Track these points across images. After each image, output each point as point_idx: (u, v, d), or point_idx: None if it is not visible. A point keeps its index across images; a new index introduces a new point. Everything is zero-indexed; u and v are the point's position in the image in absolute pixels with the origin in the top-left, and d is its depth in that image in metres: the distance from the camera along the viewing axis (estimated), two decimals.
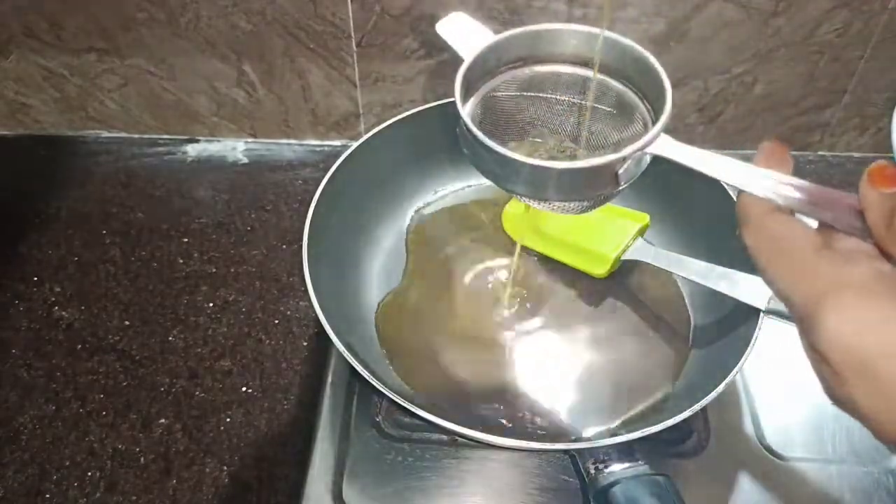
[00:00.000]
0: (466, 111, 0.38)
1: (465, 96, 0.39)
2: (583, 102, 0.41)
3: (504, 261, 0.56)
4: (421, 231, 0.58)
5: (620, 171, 0.35)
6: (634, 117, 0.39)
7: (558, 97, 0.41)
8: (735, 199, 0.29)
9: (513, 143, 0.43)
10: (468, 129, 0.36)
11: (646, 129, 0.38)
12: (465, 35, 0.41)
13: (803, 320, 0.25)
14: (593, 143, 0.42)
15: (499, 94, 0.41)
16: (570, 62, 0.40)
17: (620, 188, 0.36)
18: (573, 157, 0.41)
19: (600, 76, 0.40)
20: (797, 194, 0.27)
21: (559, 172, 0.35)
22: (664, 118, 0.35)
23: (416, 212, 0.59)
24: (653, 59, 0.38)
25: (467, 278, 0.55)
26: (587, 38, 0.39)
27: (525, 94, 0.41)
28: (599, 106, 0.41)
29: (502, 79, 0.41)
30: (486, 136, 0.36)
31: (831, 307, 0.24)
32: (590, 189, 0.37)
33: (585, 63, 0.40)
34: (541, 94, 0.41)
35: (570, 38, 0.40)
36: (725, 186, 0.51)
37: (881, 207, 0.25)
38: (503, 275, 0.55)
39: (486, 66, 0.40)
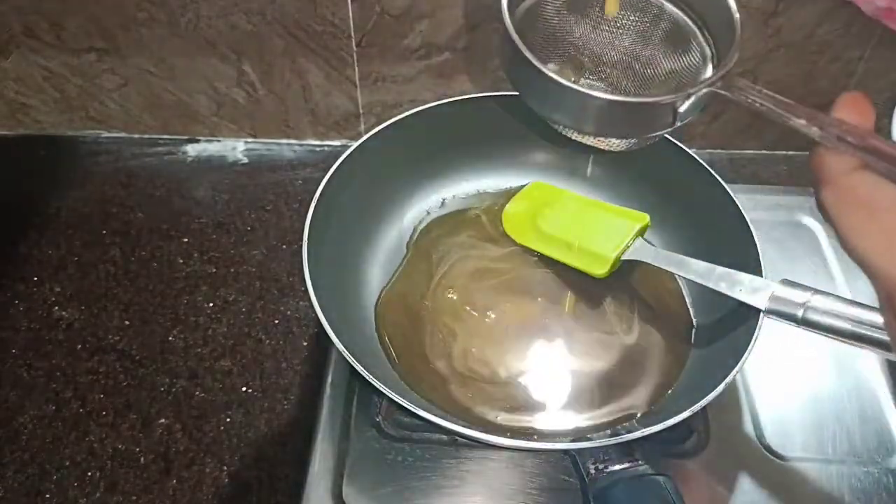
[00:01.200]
0: (512, 26, 0.33)
1: (511, 7, 0.35)
2: (636, 24, 0.36)
3: (504, 261, 0.56)
4: (422, 232, 0.58)
5: (682, 109, 0.32)
6: (691, 47, 0.35)
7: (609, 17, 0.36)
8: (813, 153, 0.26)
9: (553, 65, 0.38)
10: (516, 48, 0.32)
11: (704, 61, 0.34)
12: None
13: (887, 287, 0.23)
14: (643, 72, 0.37)
15: (543, 7, 0.36)
16: None
17: (676, 126, 0.33)
18: (619, 87, 0.37)
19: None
20: (880, 151, 0.25)
21: (621, 105, 0.32)
22: (734, 50, 0.32)
23: (421, 221, 0.59)
24: None
25: (467, 278, 0.55)
26: None
27: (572, 10, 0.36)
28: (655, 29, 0.36)
29: None
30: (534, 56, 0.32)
31: None
32: (646, 127, 0.33)
33: None
34: (590, 12, 0.36)
35: None
36: (725, 186, 0.51)
37: None
38: (503, 274, 0.55)
39: None
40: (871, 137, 0.25)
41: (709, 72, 0.31)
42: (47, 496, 0.48)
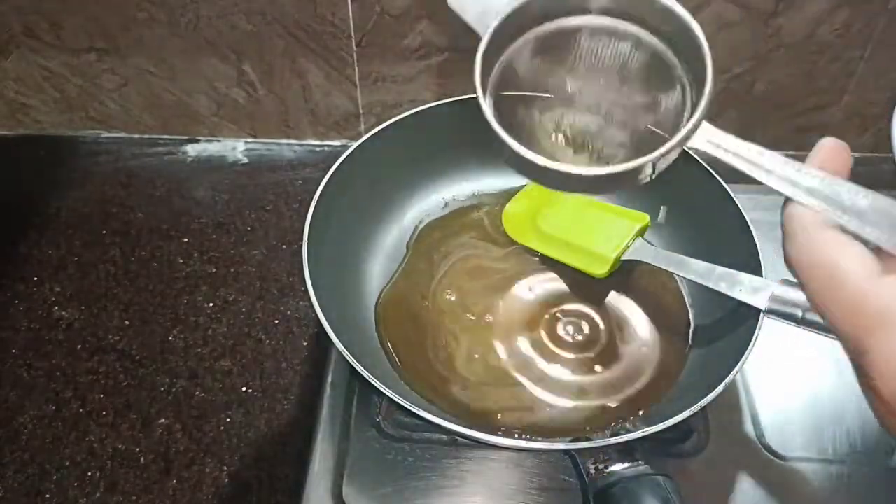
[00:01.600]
0: (488, 101, 0.33)
1: (485, 79, 0.34)
2: (612, 60, 0.35)
3: (504, 261, 0.56)
4: (422, 232, 0.58)
5: (656, 166, 0.32)
6: (673, 79, 0.34)
7: (585, 55, 0.35)
8: (781, 205, 0.26)
9: (538, 116, 0.37)
10: (489, 126, 0.33)
11: (684, 94, 0.33)
12: (481, 5, 0.35)
13: (853, 352, 0.23)
14: (625, 113, 0.37)
15: (517, 62, 0.36)
16: (597, 13, 0.35)
17: (654, 177, 0.33)
18: (603, 133, 0.36)
19: (632, 27, 0.35)
20: (853, 208, 0.24)
21: (588, 178, 0.32)
22: (704, 103, 0.31)
23: (421, 221, 0.59)
24: (696, 28, 0.33)
25: (466, 279, 0.55)
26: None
27: (547, 55, 0.36)
28: (632, 64, 0.35)
29: (521, 42, 0.35)
30: (507, 129, 0.32)
31: (884, 342, 0.22)
32: (621, 184, 0.33)
33: (612, 14, 0.34)
34: (564, 54, 0.35)
35: None
36: (725, 186, 0.51)
37: None
38: (501, 274, 0.55)
39: (505, 35, 0.35)
40: (840, 193, 0.25)
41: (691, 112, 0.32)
42: (47, 496, 0.48)
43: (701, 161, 0.52)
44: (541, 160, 0.32)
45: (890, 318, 0.22)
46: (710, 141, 0.31)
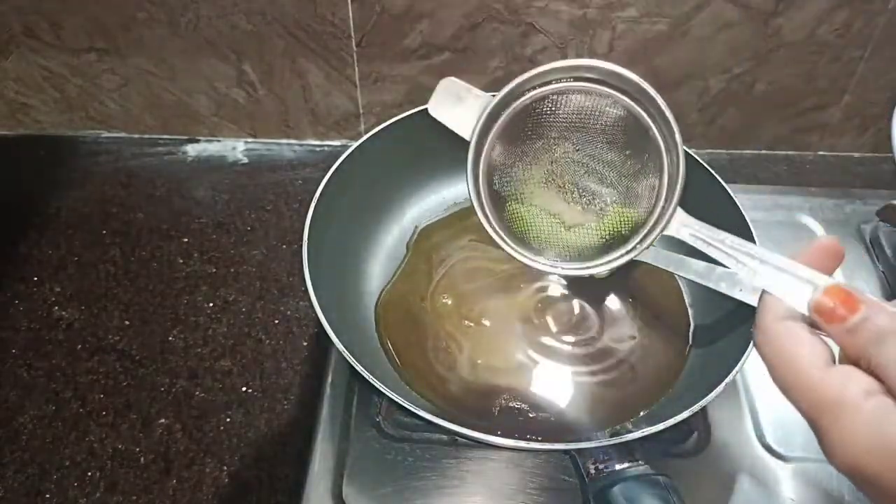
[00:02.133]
0: (485, 206, 0.37)
1: (476, 178, 0.37)
2: (592, 124, 0.36)
3: (504, 262, 0.56)
4: (423, 234, 0.58)
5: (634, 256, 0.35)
6: (650, 140, 0.35)
7: (564, 118, 0.36)
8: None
9: (534, 186, 0.38)
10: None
11: (660, 159, 0.34)
12: (460, 110, 0.38)
13: (812, 429, 0.26)
14: (607, 179, 0.37)
15: (501, 146, 0.37)
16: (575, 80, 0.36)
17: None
18: (593, 194, 0.37)
19: (607, 90, 0.35)
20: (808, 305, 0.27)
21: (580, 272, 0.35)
22: (677, 196, 0.33)
23: (421, 222, 0.59)
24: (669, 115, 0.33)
25: (467, 278, 0.55)
26: (588, 71, 0.35)
27: (529, 130, 0.37)
28: (610, 127, 0.36)
29: (501, 126, 0.37)
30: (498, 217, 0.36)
31: (830, 426, 0.25)
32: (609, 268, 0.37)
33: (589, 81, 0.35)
34: (546, 126, 0.36)
35: (572, 73, 0.35)
36: (725, 186, 0.51)
37: (844, 341, 0.26)
38: (501, 276, 0.55)
39: (487, 127, 0.37)
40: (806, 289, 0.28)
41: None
42: (47, 496, 0.48)
43: (700, 161, 0.52)
44: (526, 259, 0.36)
45: (838, 406, 0.25)
46: (685, 228, 0.33)
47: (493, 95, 0.35)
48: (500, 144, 0.37)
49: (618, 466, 0.42)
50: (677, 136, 0.33)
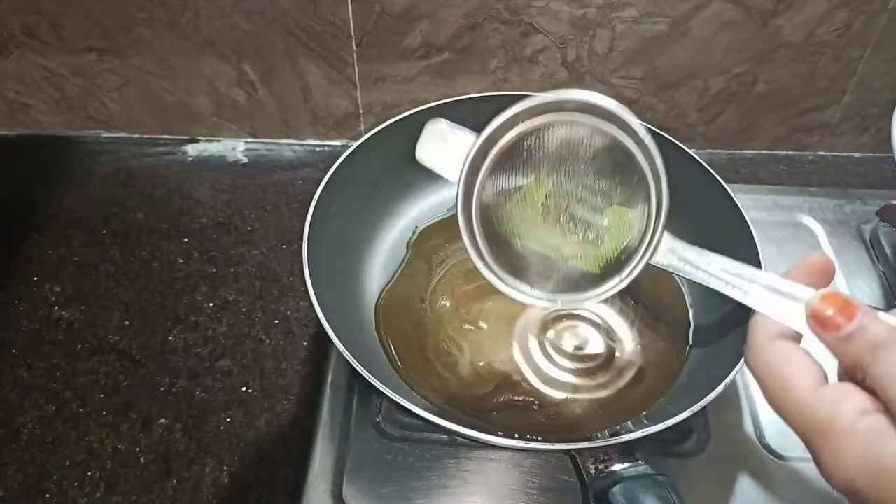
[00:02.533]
0: (480, 247, 0.36)
1: (468, 220, 0.36)
2: (578, 152, 0.36)
3: None
4: (423, 235, 0.58)
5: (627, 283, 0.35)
6: (635, 167, 0.35)
7: (555, 156, 0.36)
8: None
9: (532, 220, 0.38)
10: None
11: (647, 186, 0.34)
12: (445, 152, 0.38)
13: (806, 446, 0.26)
14: (600, 207, 0.37)
15: (490, 189, 0.37)
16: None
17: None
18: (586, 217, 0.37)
19: (590, 120, 0.34)
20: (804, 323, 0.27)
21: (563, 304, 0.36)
22: (662, 222, 0.33)
23: (421, 222, 0.59)
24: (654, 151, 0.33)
25: (467, 278, 0.55)
26: (579, 105, 0.34)
27: (518, 167, 0.37)
28: (597, 156, 0.35)
29: (490, 166, 0.36)
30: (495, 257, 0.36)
31: (823, 447, 0.25)
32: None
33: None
34: (535, 161, 0.36)
35: (553, 106, 0.34)
36: (725, 186, 0.51)
37: (840, 350, 0.26)
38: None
39: (475, 167, 0.36)
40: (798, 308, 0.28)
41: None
42: (47, 496, 0.48)
43: (700, 161, 0.53)
44: (519, 295, 0.36)
45: (830, 427, 0.24)
46: (671, 251, 0.33)
47: (477, 136, 0.35)
48: (491, 184, 0.36)
49: (618, 466, 0.42)
50: (659, 163, 0.32)
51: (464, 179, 0.35)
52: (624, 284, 0.35)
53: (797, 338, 0.28)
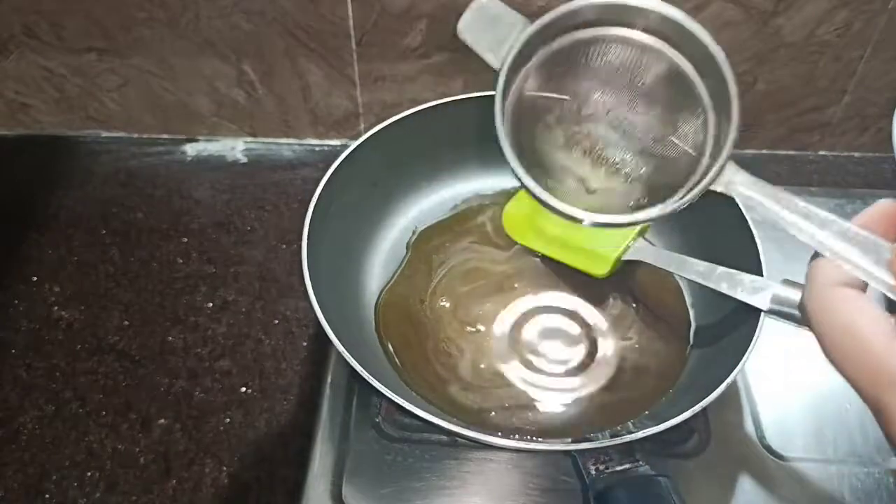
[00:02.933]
0: (507, 139, 0.33)
1: (503, 110, 0.34)
2: (630, 71, 0.33)
3: (504, 262, 0.56)
4: (423, 235, 0.58)
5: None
6: (696, 102, 0.32)
7: (605, 69, 0.33)
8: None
9: (558, 135, 0.36)
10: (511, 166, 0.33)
11: (706, 123, 0.32)
12: (494, 34, 0.34)
13: (871, 405, 0.24)
14: (647, 129, 0.35)
15: (534, 83, 0.34)
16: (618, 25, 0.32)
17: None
18: (624, 157, 0.34)
19: (654, 41, 0.32)
20: (879, 264, 0.25)
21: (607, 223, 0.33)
22: (729, 147, 0.30)
23: (421, 222, 0.59)
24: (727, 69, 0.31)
25: (467, 279, 0.55)
26: (642, 13, 0.31)
27: (562, 70, 0.34)
28: (651, 82, 0.33)
29: (537, 61, 0.34)
30: (526, 150, 0.32)
31: (891, 402, 0.23)
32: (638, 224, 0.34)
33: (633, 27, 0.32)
34: (580, 68, 0.33)
35: (622, 12, 0.32)
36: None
37: None
38: (501, 277, 0.55)
39: (520, 61, 0.34)
40: (871, 255, 0.25)
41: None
42: (47, 496, 0.48)
43: None
44: (565, 207, 0.32)
45: None
46: (736, 183, 0.30)
47: (532, 23, 0.32)
48: (533, 81, 0.34)
49: (618, 467, 0.42)
50: (732, 86, 0.30)
51: (506, 70, 0.33)
52: (669, 210, 0.31)
53: (863, 287, 0.25)
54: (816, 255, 0.26)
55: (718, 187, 0.31)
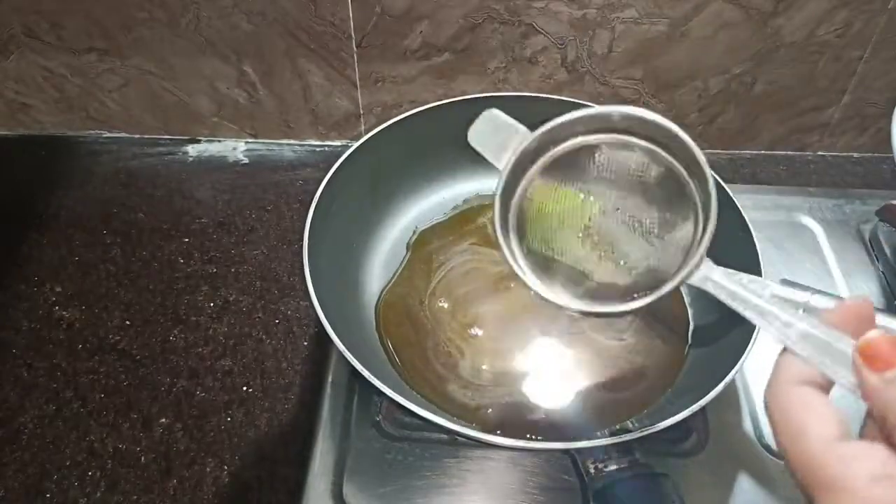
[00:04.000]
0: (510, 236, 0.36)
1: (504, 209, 0.37)
2: (626, 173, 0.35)
3: (501, 265, 0.56)
4: (423, 235, 0.58)
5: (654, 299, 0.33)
6: (684, 195, 0.34)
7: (600, 171, 0.35)
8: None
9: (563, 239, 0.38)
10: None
11: (696, 217, 0.33)
12: (499, 142, 0.37)
13: (805, 497, 0.25)
14: (642, 237, 0.36)
15: (534, 187, 0.37)
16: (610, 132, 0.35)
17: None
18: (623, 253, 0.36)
19: (640, 142, 0.34)
20: (843, 374, 0.25)
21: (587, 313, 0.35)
22: (706, 242, 0.31)
23: (421, 222, 0.59)
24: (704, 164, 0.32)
25: (467, 279, 0.55)
26: (630, 118, 0.33)
27: (561, 174, 0.36)
28: (650, 184, 0.35)
29: (537, 168, 0.37)
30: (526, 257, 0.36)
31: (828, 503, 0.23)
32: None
33: (626, 133, 0.34)
34: (578, 172, 0.36)
35: (612, 119, 0.34)
36: (725, 186, 0.51)
37: (876, 394, 0.24)
38: (499, 278, 0.55)
39: (521, 166, 0.37)
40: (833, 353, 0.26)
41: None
42: (47, 496, 0.48)
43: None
44: (561, 300, 0.34)
45: (836, 485, 0.23)
46: (710, 279, 0.32)
47: (530, 134, 0.35)
48: (538, 181, 0.37)
49: (618, 466, 0.42)
50: (713, 201, 0.32)
51: (509, 171, 0.36)
52: (649, 301, 0.33)
53: (825, 388, 0.26)
54: (783, 352, 0.27)
55: (694, 280, 0.32)
